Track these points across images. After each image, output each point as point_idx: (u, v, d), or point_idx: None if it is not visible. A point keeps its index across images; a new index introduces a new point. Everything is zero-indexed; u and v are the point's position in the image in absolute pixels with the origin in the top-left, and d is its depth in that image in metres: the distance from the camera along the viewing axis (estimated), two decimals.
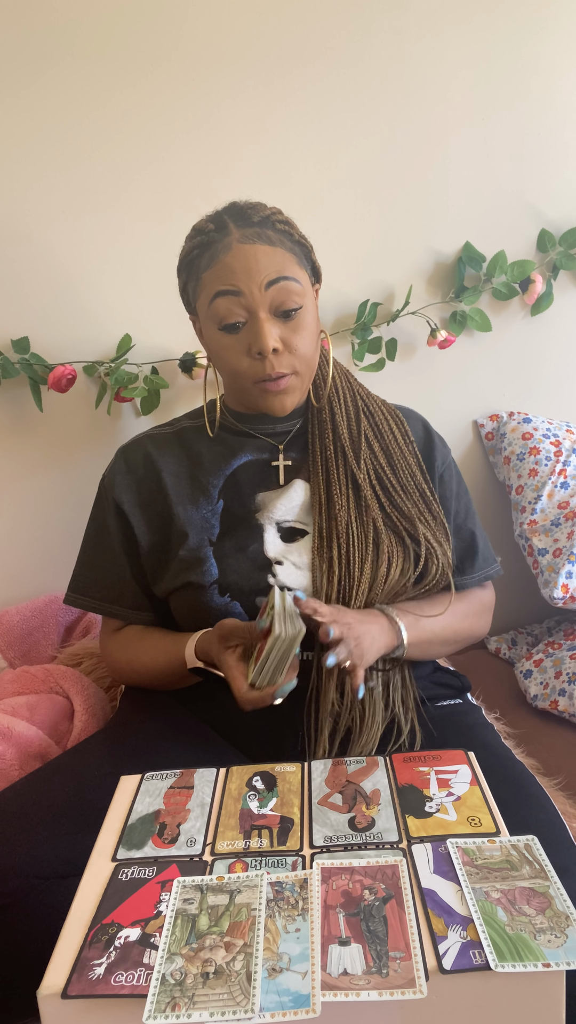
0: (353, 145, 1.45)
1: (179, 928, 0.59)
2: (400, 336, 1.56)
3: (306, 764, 0.82)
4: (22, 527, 1.42)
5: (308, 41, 1.37)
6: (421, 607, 1.00)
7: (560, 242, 1.62)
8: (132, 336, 1.36)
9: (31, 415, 1.37)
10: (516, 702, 1.50)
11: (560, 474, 1.56)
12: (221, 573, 0.97)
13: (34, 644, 1.38)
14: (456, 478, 1.12)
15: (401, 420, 1.08)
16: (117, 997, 0.55)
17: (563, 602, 1.45)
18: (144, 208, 1.34)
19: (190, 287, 0.99)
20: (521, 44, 1.51)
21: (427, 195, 1.53)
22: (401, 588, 0.99)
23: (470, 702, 1.09)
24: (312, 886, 0.63)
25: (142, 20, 1.27)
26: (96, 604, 1.07)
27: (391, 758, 0.82)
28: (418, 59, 1.45)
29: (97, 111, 1.28)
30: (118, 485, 1.06)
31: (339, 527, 0.98)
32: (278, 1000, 0.53)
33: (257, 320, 0.93)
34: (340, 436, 1.04)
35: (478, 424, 1.73)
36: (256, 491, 1.04)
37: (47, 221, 1.30)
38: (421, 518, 1.01)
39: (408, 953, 0.56)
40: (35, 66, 1.23)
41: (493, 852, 0.66)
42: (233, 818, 0.74)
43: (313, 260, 1.01)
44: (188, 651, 0.96)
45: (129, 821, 0.74)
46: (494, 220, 1.58)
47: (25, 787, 0.86)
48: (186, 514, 1.02)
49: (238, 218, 0.94)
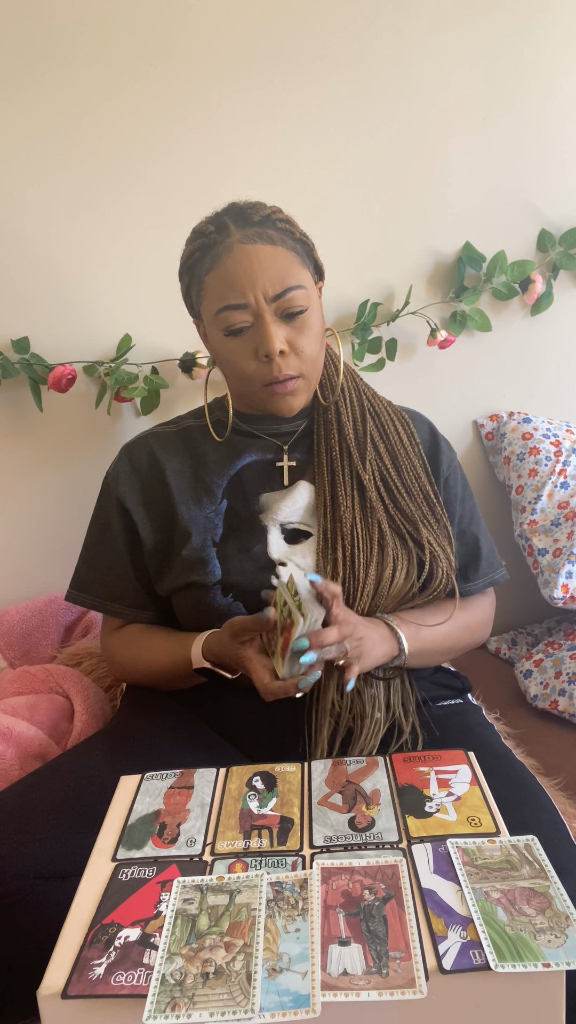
0: (353, 145, 1.45)
1: (179, 928, 0.59)
2: (400, 336, 1.56)
3: (306, 764, 0.82)
4: (22, 527, 1.42)
5: (308, 42, 1.37)
6: (423, 616, 1.00)
7: (560, 242, 1.62)
8: (132, 336, 1.36)
9: (31, 415, 1.37)
10: (516, 702, 1.50)
11: (560, 474, 1.56)
12: (224, 573, 0.97)
13: (34, 644, 1.38)
14: (462, 482, 1.12)
15: (407, 422, 1.08)
16: (117, 997, 0.54)
17: (563, 602, 1.45)
18: (144, 208, 1.34)
19: (193, 291, 0.99)
20: (521, 44, 1.51)
21: (427, 195, 1.53)
22: (407, 593, 0.99)
23: (470, 702, 1.09)
24: (312, 886, 0.62)
25: (142, 20, 1.27)
26: (97, 602, 1.07)
27: (391, 758, 0.82)
28: (418, 59, 1.45)
29: (97, 112, 1.28)
30: (122, 483, 1.06)
31: (344, 529, 0.98)
32: (278, 1000, 0.53)
33: (263, 323, 0.93)
34: (345, 436, 1.03)
35: (478, 424, 1.73)
36: (260, 492, 1.04)
37: (47, 221, 1.30)
38: (424, 521, 1.01)
39: (408, 953, 0.56)
40: (35, 67, 1.23)
41: (493, 852, 0.66)
42: (233, 818, 0.74)
43: (315, 258, 1.01)
44: (195, 651, 0.95)
45: (129, 821, 0.74)
46: (494, 220, 1.58)
47: (25, 787, 0.86)
48: (189, 513, 1.02)
49: (238, 218, 0.94)
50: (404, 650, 0.94)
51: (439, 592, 1.00)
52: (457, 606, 1.02)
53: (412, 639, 0.96)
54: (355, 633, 0.86)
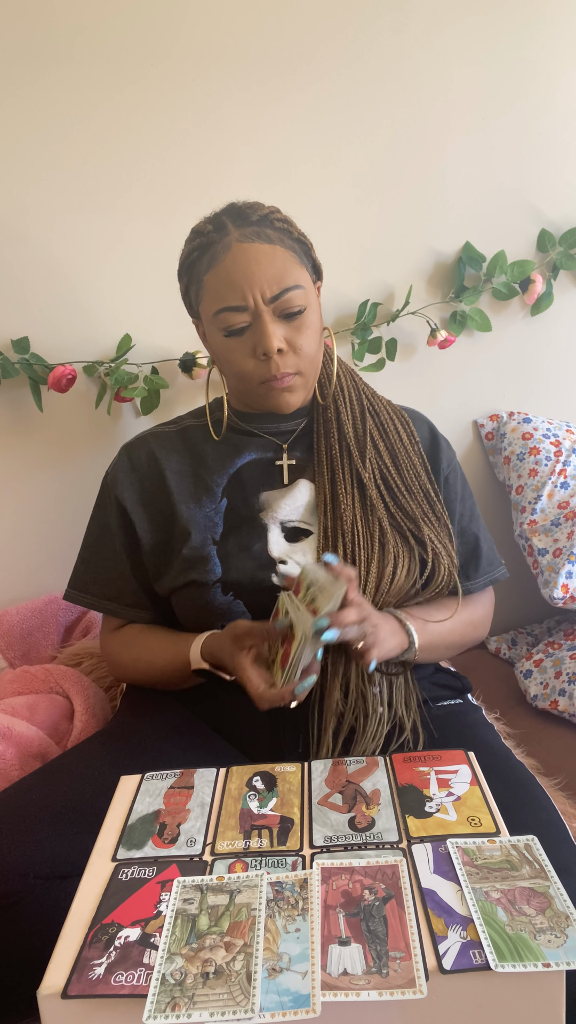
0: (353, 145, 1.45)
1: (179, 928, 0.59)
2: (400, 336, 1.56)
3: (306, 764, 0.82)
4: (22, 527, 1.42)
5: (308, 41, 1.37)
6: (428, 612, 1.00)
7: (560, 242, 1.62)
8: (132, 336, 1.36)
9: (31, 415, 1.37)
10: (516, 702, 1.50)
11: (560, 474, 1.56)
12: (224, 572, 0.97)
13: (34, 644, 1.38)
14: (461, 481, 1.12)
15: (407, 420, 1.08)
16: (117, 997, 0.54)
17: (563, 602, 1.45)
18: (144, 208, 1.34)
19: (192, 291, 0.99)
20: (521, 44, 1.51)
21: (427, 195, 1.53)
22: (409, 591, 0.99)
23: (471, 702, 1.09)
24: (312, 886, 0.62)
25: (142, 20, 1.27)
26: (95, 601, 1.07)
27: (391, 758, 0.82)
28: (418, 59, 1.45)
29: (97, 111, 1.28)
30: (121, 483, 1.06)
31: (344, 527, 0.98)
32: (278, 1000, 0.53)
33: (261, 322, 0.93)
34: (345, 435, 1.04)
35: (478, 424, 1.73)
36: (260, 490, 1.04)
37: (47, 221, 1.30)
38: (425, 519, 1.01)
39: (408, 953, 0.56)
40: (35, 66, 1.23)
41: (493, 852, 0.66)
42: (233, 818, 0.73)
43: (313, 257, 1.01)
44: (194, 652, 0.95)
45: (129, 821, 0.74)
46: (494, 220, 1.58)
47: (25, 787, 0.86)
48: (189, 512, 1.02)
49: (236, 218, 0.94)
50: (415, 643, 0.95)
51: (441, 589, 1.01)
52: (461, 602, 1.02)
53: (420, 633, 0.96)
54: (371, 618, 0.86)
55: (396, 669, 0.97)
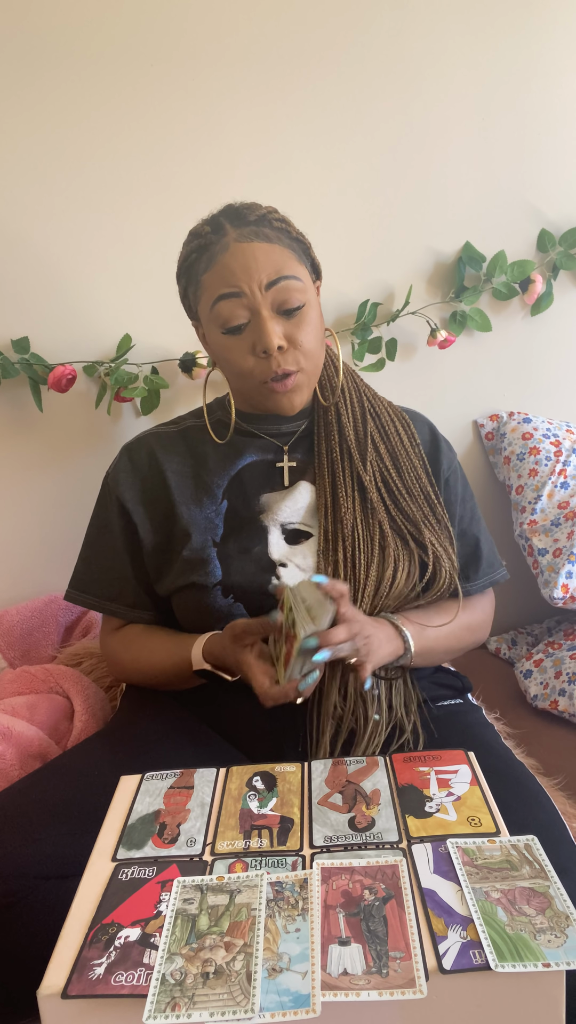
0: (353, 145, 1.45)
1: (179, 928, 0.59)
2: (400, 336, 1.56)
3: (306, 764, 0.82)
4: (22, 527, 1.42)
5: (308, 42, 1.37)
6: (427, 616, 1.00)
7: (560, 242, 1.62)
8: (132, 336, 1.36)
9: (31, 415, 1.37)
10: (516, 702, 1.50)
11: (560, 474, 1.56)
12: (225, 574, 0.97)
13: (34, 644, 1.38)
14: (462, 483, 1.12)
15: (408, 422, 1.08)
16: (117, 997, 0.54)
17: (563, 602, 1.45)
18: (144, 208, 1.34)
19: (190, 292, 0.99)
20: (521, 44, 1.51)
21: (427, 195, 1.53)
22: (409, 594, 0.99)
23: (471, 702, 1.09)
24: (312, 886, 0.62)
25: (142, 20, 1.27)
26: (96, 602, 1.07)
27: (391, 758, 0.82)
28: (418, 59, 1.45)
29: (97, 111, 1.28)
30: (121, 482, 1.06)
31: (344, 530, 0.98)
32: (278, 1000, 0.53)
33: (260, 319, 0.93)
34: (346, 437, 1.03)
35: (478, 424, 1.73)
36: (260, 492, 1.03)
37: (47, 221, 1.30)
38: (426, 522, 1.00)
39: (408, 953, 0.56)
40: (35, 66, 1.23)
41: (493, 852, 0.66)
42: (233, 818, 0.73)
43: (312, 256, 1.01)
44: (195, 653, 0.95)
45: (129, 821, 0.74)
46: (494, 220, 1.58)
47: (25, 787, 0.86)
48: (189, 514, 1.02)
49: (234, 218, 0.94)
50: (410, 649, 0.94)
51: (442, 593, 1.00)
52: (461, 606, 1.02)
53: (417, 638, 0.96)
54: (363, 631, 0.86)
55: (393, 673, 0.97)
